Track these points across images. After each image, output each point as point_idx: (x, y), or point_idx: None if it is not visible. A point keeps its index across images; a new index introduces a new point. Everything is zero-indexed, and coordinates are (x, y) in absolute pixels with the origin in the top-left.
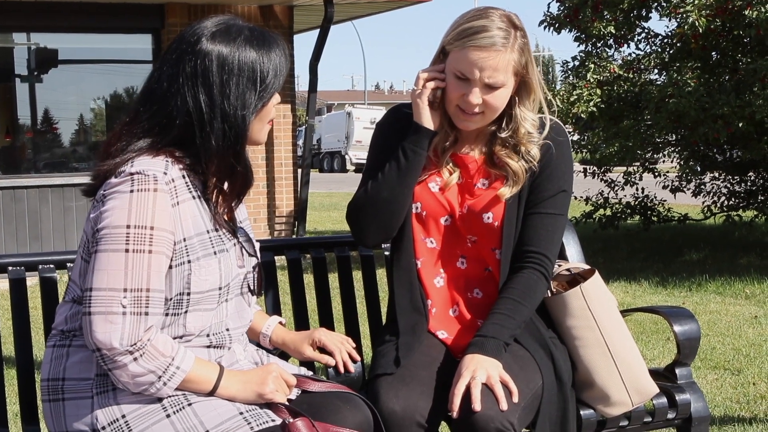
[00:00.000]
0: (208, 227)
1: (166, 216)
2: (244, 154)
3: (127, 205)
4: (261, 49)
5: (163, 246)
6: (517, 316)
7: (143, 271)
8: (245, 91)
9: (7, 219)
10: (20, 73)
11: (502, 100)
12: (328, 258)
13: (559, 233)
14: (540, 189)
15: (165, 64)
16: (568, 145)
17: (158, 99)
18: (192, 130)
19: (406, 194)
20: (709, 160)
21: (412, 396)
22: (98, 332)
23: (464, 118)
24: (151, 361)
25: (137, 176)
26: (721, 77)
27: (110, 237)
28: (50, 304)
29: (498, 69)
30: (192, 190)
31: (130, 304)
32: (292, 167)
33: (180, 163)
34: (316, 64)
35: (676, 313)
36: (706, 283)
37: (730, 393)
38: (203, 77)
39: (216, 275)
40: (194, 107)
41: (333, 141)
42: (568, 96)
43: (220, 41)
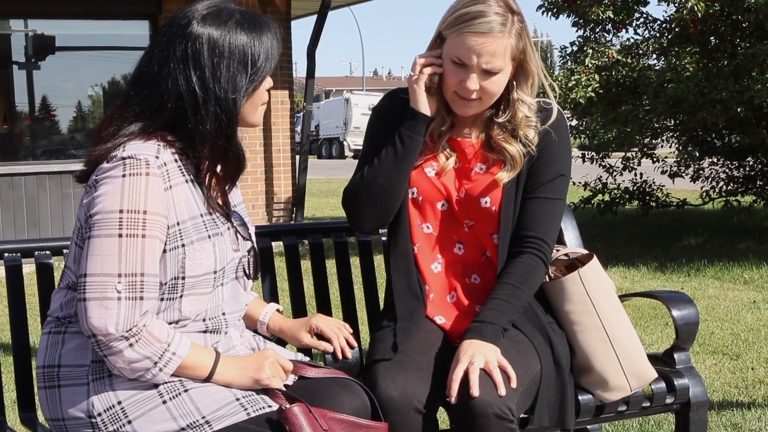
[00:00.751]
0: (202, 211)
1: (158, 200)
2: (235, 138)
3: (119, 189)
4: (252, 32)
5: (156, 230)
6: (516, 301)
7: (137, 256)
8: (236, 75)
9: (4, 206)
10: (17, 60)
11: (500, 85)
12: (326, 244)
13: (558, 218)
14: (538, 173)
15: (156, 48)
16: (567, 130)
17: (149, 83)
18: (183, 114)
19: (403, 180)
20: (708, 146)
21: (410, 382)
22: (93, 318)
23: (462, 103)
24: (147, 347)
25: (129, 161)
26: (720, 62)
27: (103, 222)
28: (47, 291)
29: (495, 55)
30: (185, 173)
31: (125, 289)
32: (290, 153)
33: (172, 146)
34: (313, 49)
35: (674, 298)
36: (705, 269)
37: (728, 378)
38: (194, 60)
39: (210, 259)
40: (186, 90)
41: (331, 127)
42: (566, 81)
43: (210, 24)
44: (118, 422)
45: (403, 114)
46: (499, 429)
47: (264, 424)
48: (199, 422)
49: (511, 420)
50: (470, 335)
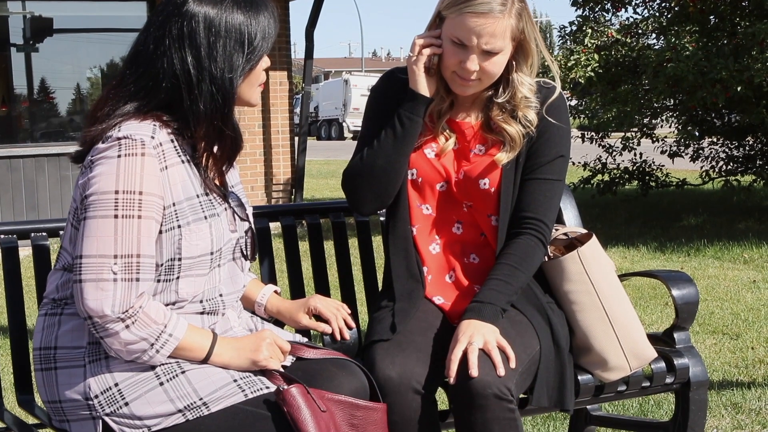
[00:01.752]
0: (198, 191)
1: (154, 180)
2: (232, 118)
3: (114, 170)
4: (249, 11)
5: (152, 211)
6: (514, 281)
7: (133, 237)
8: (232, 54)
9: (3, 188)
10: (15, 42)
11: (500, 66)
12: (324, 225)
13: (557, 199)
14: (537, 154)
15: (152, 27)
16: (567, 110)
17: (144, 62)
18: (179, 93)
19: (402, 162)
20: (708, 125)
21: (409, 362)
22: (89, 300)
23: (461, 83)
24: (144, 328)
25: (124, 141)
26: (720, 41)
27: (99, 203)
28: (43, 273)
29: (496, 35)
30: (181, 154)
31: (121, 270)
32: (288, 135)
33: (168, 127)
34: (312, 30)
35: (674, 277)
36: (705, 248)
37: (728, 357)
38: (190, 39)
39: (207, 240)
40: (181, 69)
41: (330, 108)
42: (565, 61)
43: (207, 3)
44: (115, 404)
45: (402, 94)
46: (498, 409)
47: (262, 405)
48: (197, 404)
49: (510, 400)
50: (469, 315)
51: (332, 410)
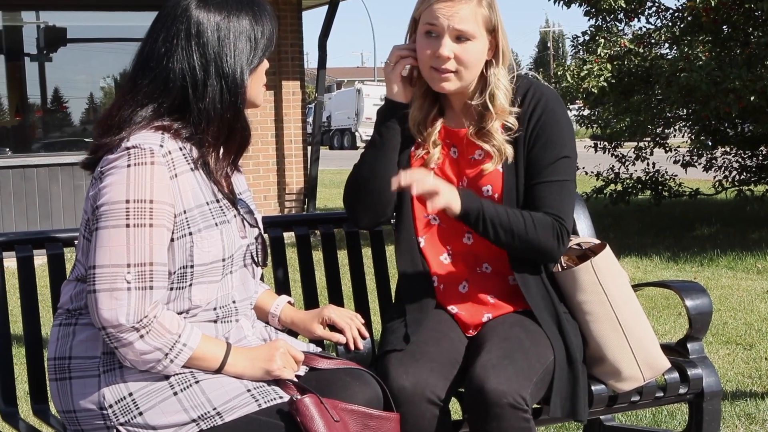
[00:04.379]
0: (208, 199)
1: (164, 188)
2: (243, 112)
3: (124, 180)
4: (252, 10)
5: (163, 219)
6: (513, 219)
7: (145, 245)
8: (241, 50)
9: (17, 197)
10: (29, 51)
11: (474, 54)
12: (338, 234)
13: (569, 198)
14: (538, 159)
15: (157, 31)
16: (563, 111)
17: (154, 66)
18: (200, 94)
19: (385, 171)
20: (721, 135)
21: (422, 372)
22: (104, 309)
23: (438, 78)
24: (158, 338)
25: (133, 150)
26: (733, 51)
27: (110, 213)
28: (58, 283)
29: (465, 17)
30: (190, 162)
31: (135, 279)
32: (301, 144)
33: (177, 136)
34: (325, 40)
35: (687, 287)
36: (718, 258)
37: (742, 368)
38: (197, 38)
39: (219, 246)
40: (191, 69)
41: (343, 118)
42: (578, 71)
43: (211, 4)
44: (129, 414)
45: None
46: (513, 418)
47: (275, 415)
48: (211, 414)
49: (525, 410)
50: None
51: (346, 420)
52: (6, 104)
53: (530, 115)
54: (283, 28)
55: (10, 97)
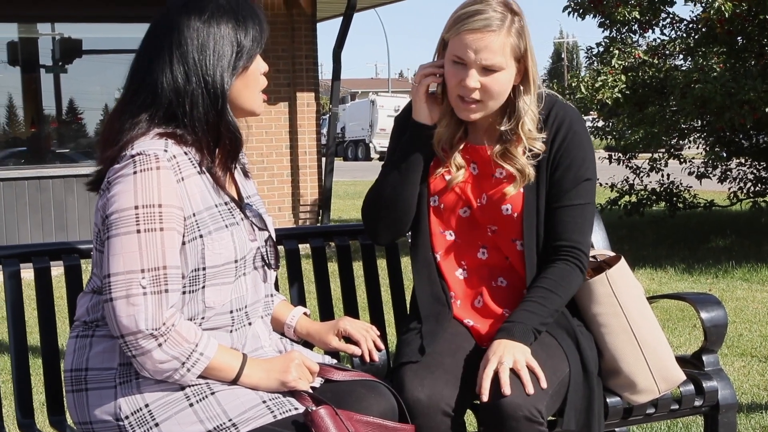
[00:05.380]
0: (217, 201)
1: (172, 192)
2: (226, 115)
3: (132, 187)
4: (236, 14)
5: (173, 222)
6: (549, 304)
7: (158, 249)
8: (222, 54)
9: (32, 209)
10: (45, 63)
11: (501, 84)
12: (353, 246)
13: (589, 222)
14: (562, 181)
15: (146, 42)
16: (585, 132)
17: (142, 77)
18: (176, 101)
19: (408, 191)
20: (735, 146)
21: (438, 384)
22: (122, 316)
23: (464, 107)
24: (175, 347)
25: (138, 157)
26: (747, 62)
27: (120, 221)
28: (75, 294)
29: (494, 51)
30: (196, 165)
31: (150, 283)
32: (316, 156)
33: (181, 142)
34: (339, 52)
35: (702, 299)
36: (733, 270)
37: (757, 380)
38: (179, 47)
39: (230, 248)
40: (172, 77)
41: (357, 129)
42: (592, 82)
43: (193, 8)
44: (146, 425)
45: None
46: (528, 431)
47: (290, 426)
48: (226, 425)
49: (540, 422)
50: (500, 335)
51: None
52: (22, 115)
53: (554, 137)
54: (297, 40)
55: (26, 108)
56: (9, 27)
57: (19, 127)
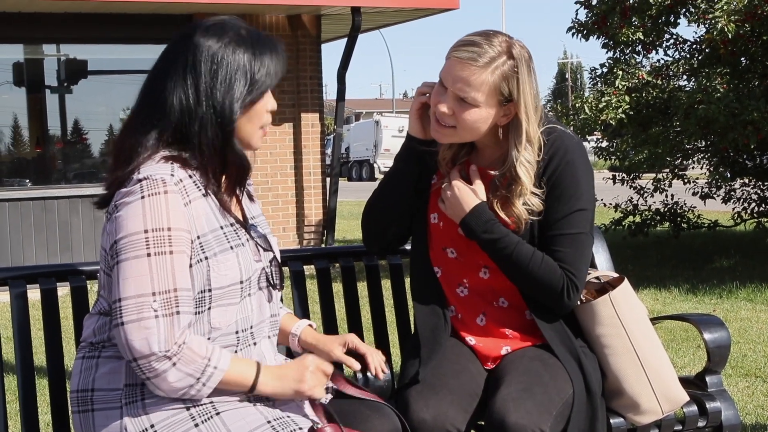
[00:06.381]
0: (222, 223)
1: (180, 216)
2: (232, 143)
3: (140, 211)
4: (254, 46)
5: (182, 245)
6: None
7: (168, 273)
8: (233, 82)
9: (37, 229)
10: (50, 84)
11: (475, 119)
12: (357, 267)
13: (584, 251)
14: (552, 211)
15: (161, 62)
16: (582, 162)
17: (155, 95)
18: (185, 123)
19: (397, 201)
20: (739, 166)
21: (442, 405)
22: (134, 340)
23: (436, 127)
24: (189, 364)
25: (145, 182)
26: (751, 83)
27: (130, 245)
28: (81, 315)
29: (470, 84)
30: (201, 188)
31: (161, 306)
32: (320, 176)
33: (186, 165)
34: (344, 72)
35: (706, 320)
36: (737, 290)
37: (761, 401)
38: (193, 69)
39: (236, 269)
40: (183, 99)
41: (361, 149)
42: (596, 103)
43: (212, 35)
44: None
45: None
46: None
47: None
48: None
49: None
50: None
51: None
52: (27, 136)
53: (546, 165)
54: (302, 61)
55: (31, 129)
56: (15, 48)
57: (24, 147)
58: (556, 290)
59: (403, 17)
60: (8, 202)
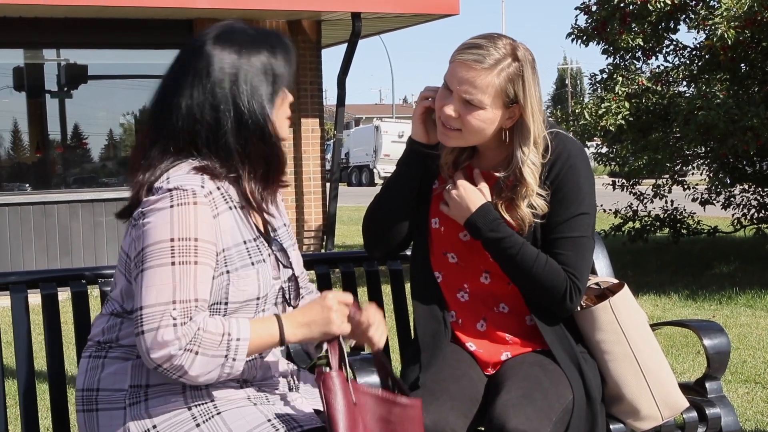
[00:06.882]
0: (246, 237)
1: (208, 228)
2: (275, 144)
3: (168, 220)
4: (268, 45)
5: (207, 257)
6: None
7: (190, 283)
8: (259, 85)
9: (37, 234)
10: (50, 88)
11: (481, 121)
12: (357, 272)
13: (585, 254)
14: (555, 214)
15: (174, 70)
16: (584, 166)
17: (170, 103)
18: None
19: (398, 205)
20: (739, 172)
21: (443, 410)
22: (154, 350)
23: (442, 131)
24: (211, 347)
25: (175, 192)
26: (751, 89)
27: (155, 253)
28: (82, 319)
29: (476, 86)
30: (228, 200)
31: (180, 315)
32: (320, 181)
33: (215, 176)
34: (344, 78)
35: (705, 326)
36: (737, 296)
37: (761, 407)
38: (209, 77)
39: (254, 285)
40: (201, 106)
41: (361, 155)
42: (596, 109)
43: (225, 41)
44: None
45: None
46: None
47: None
48: None
49: None
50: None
51: (363, 404)
52: (27, 141)
53: (550, 168)
54: (302, 66)
55: (31, 133)
56: (15, 53)
57: (24, 152)
58: (559, 293)
59: (403, 23)
60: (8, 206)
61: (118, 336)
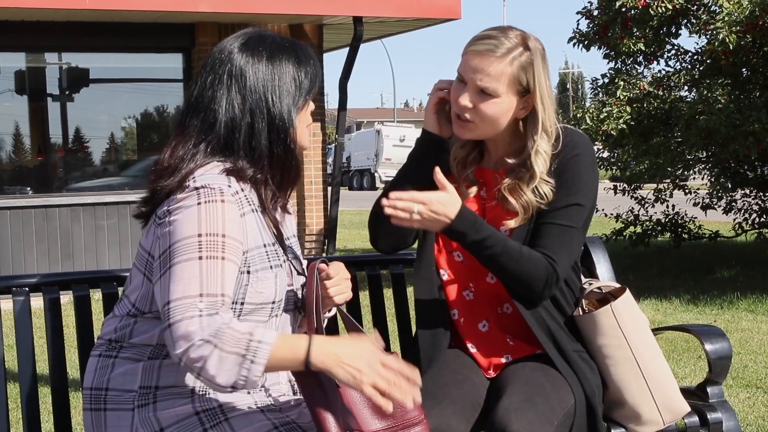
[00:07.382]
0: (266, 241)
1: (235, 225)
2: (294, 151)
3: (195, 216)
4: (295, 53)
5: (234, 254)
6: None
7: (217, 277)
8: (287, 91)
9: (39, 238)
10: (52, 92)
11: (494, 110)
12: (359, 276)
13: (571, 246)
14: (552, 200)
15: (205, 75)
16: (589, 159)
17: (202, 108)
18: (240, 134)
19: None
20: (740, 177)
21: (445, 414)
22: (178, 339)
23: (457, 123)
24: (231, 342)
25: (203, 190)
26: (752, 94)
27: (183, 248)
28: (84, 322)
29: (489, 74)
30: (252, 202)
31: (206, 307)
32: (321, 185)
33: (241, 178)
34: (345, 82)
35: (707, 331)
36: (738, 301)
37: (762, 411)
38: (239, 82)
39: (272, 289)
40: (232, 110)
41: (362, 159)
42: (597, 113)
43: (253, 47)
44: None
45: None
46: None
47: None
48: None
49: None
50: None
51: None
52: (28, 144)
53: (555, 159)
54: None
55: (33, 137)
56: (17, 56)
57: (25, 155)
58: (542, 282)
59: (405, 27)
60: (9, 210)
61: (131, 334)
